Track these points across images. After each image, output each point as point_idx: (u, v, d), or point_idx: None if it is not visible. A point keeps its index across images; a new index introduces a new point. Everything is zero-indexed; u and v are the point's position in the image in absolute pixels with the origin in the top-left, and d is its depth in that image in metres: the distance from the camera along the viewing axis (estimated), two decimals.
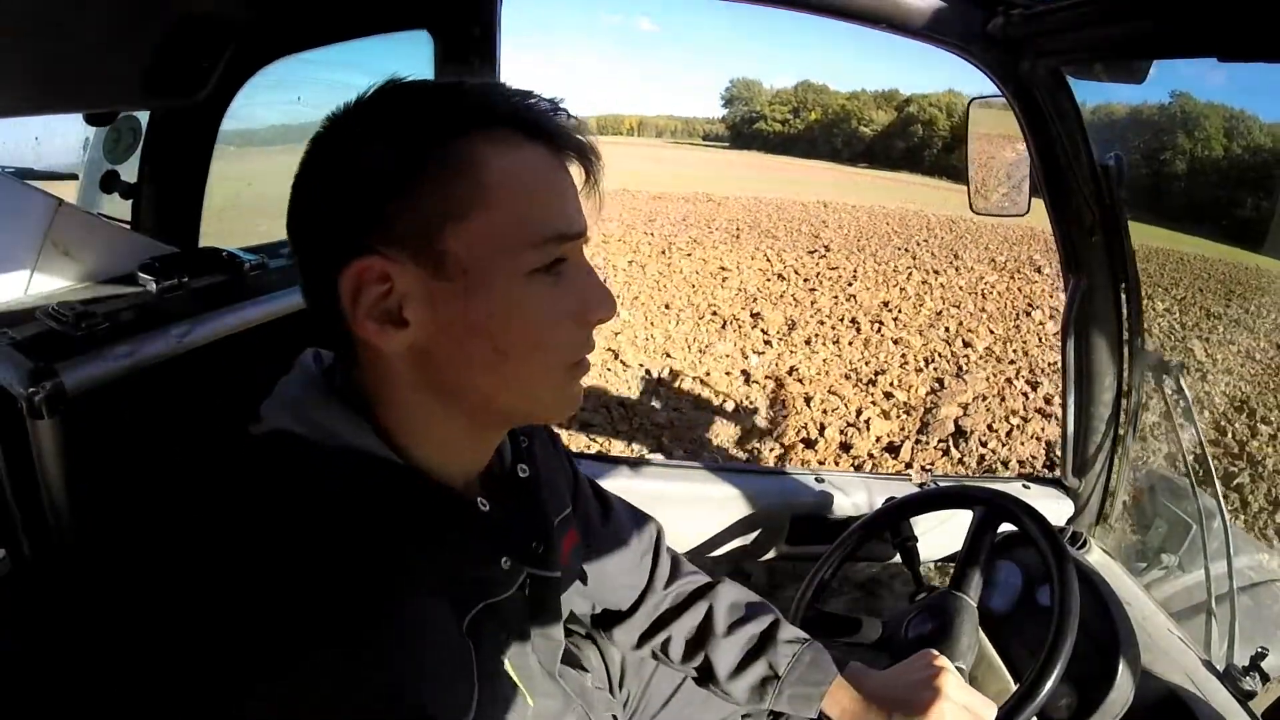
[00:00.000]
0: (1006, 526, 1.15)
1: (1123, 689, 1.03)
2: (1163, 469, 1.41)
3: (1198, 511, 1.22)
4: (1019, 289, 9.54)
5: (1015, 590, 1.18)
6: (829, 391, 5.10)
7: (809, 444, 4.25)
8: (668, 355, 5.64)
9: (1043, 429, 4.65)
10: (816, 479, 1.53)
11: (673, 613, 0.95)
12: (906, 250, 12.51)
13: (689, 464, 1.54)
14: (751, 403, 4.89)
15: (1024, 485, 1.48)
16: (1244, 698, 0.99)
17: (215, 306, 0.87)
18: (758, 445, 4.23)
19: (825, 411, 4.75)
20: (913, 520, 1.24)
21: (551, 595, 0.71)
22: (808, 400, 4.92)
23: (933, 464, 4.11)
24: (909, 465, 4.04)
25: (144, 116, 1.22)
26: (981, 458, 4.22)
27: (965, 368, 5.87)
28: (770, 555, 1.54)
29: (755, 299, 7.83)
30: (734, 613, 0.93)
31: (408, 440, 0.58)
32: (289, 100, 1.28)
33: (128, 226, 1.03)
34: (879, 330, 6.87)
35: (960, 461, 4.17)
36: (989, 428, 4.61)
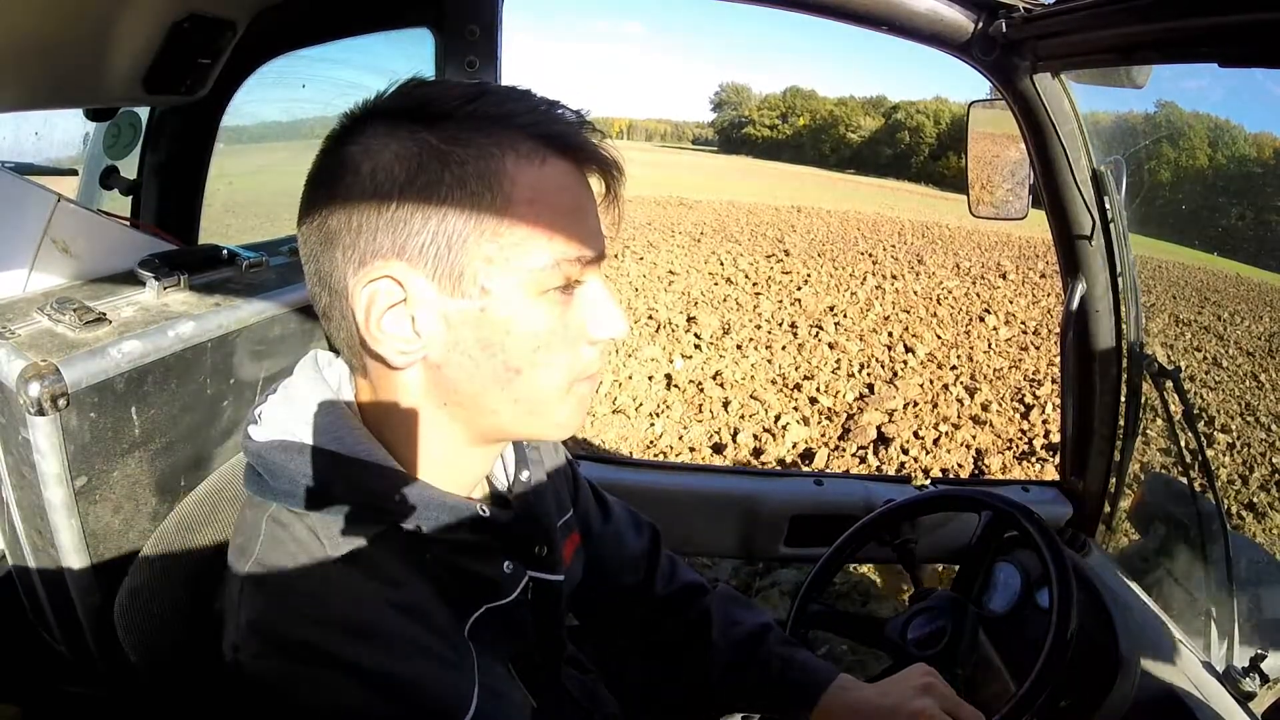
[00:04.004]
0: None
1: (1122, 691, 1.04)
2: (1162, 471, 1.42)
3: (1197, 514, 1.23)
4: (978, 294, 9.58)
5: (1015, 592, 1.19)
6: (750, 396, 5.07)
7: (718, 449, 4.22)
8: None
9: (973, 436, 4.63)
10: (816, 481, 1.54)
11: (668, 616, 0.94)
12: (869, 255, 12.50)
13: (689, 465, 1.54)
14: (667, 407, 4.85)
15: (1023, 488, 1.49)
16: (1243, 699, 0.99)
17: (215, 304, 0.87)
18: (665, 450, 4.20)
19: (743, 416, 4.72)
20: (911, 522, 1.24)
21: (553, 598, 0.71)
22: (726, 405, 4.89)
23: (846, 471, 4.08)
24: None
25: (144, 112, 1.21)
26: (901, 465, 4.21)
27: (900, 373, 5.83)
28: (770, 556, 1.54)
29: (696, 303, 7.77)
30: (728, 619, 0.93)
31: (410, 447, 0.58)
32: (289, 98, 1.27)
33: (127, 223, 1.01)
34: (817, 335, 6.84)
35: (878, 470, 4.16)
36: (915, 435, 4.59)
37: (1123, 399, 1.35)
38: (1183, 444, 1.24)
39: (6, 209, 0.82)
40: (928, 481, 1.55)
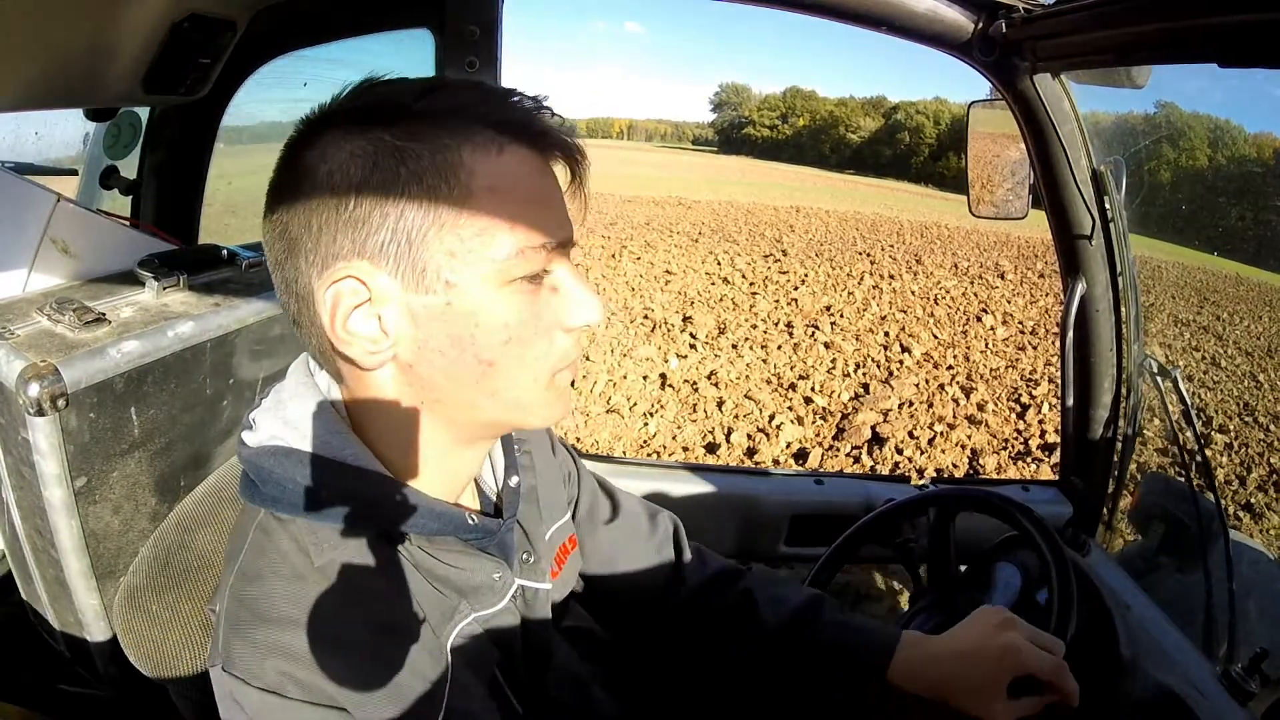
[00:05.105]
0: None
1: (1122, 690, 1.04)
2: (1162, 471, 1.42)
3: (1197, 513, 1.23)
4: (975, 294, 9.55)
5: (1015, 591, 1.18)
6: (745, 396, 5.07)
7: (711, 448, 4.22)
8: (587, 359, 5.48)
9: (969, 436, 4.61)
10: (816, 480, 1.53)
11: (708, 602, 0.90)
12: (867, 255, 12.45)
13: (689, 465, 1.53)
14: (661, 406, 4.85)
15: (1023, 488, 1.49)
16: (1243, 699, 0.99)
17: (214, 303, 0.87)
18: (658, 449, 4.21)
19: (737, 416, 4.71)
20: (911, 522, 1.24)
21: (542, 605, 0.70)
22: (720, 404, 4.88)
23: (840, 470, 4.07)
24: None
25: (144, 112, 1.21)
26: (896, 465, 4.20)
27: (896, 373, 5.81)
28: (770, 556, 1.54)
29: (693, 303, 7.76)
30: (774, 597, 0.88)
31: (397, 451, 0.58)
32: (289, 98, 1.27)
33: (127, 223, 1.01)
34: (813, 335, 6.82)
35: (871, 470, 4.15)
36: (909, 435, 4.57)
37: (1123, 399, 1.35)
38: (1182, 444, 1.24)
39: (6, 209, 0.82)
40: (928, 481, 1.55)
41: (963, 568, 1.37)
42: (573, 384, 0.62)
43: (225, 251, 0.99)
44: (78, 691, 0.83)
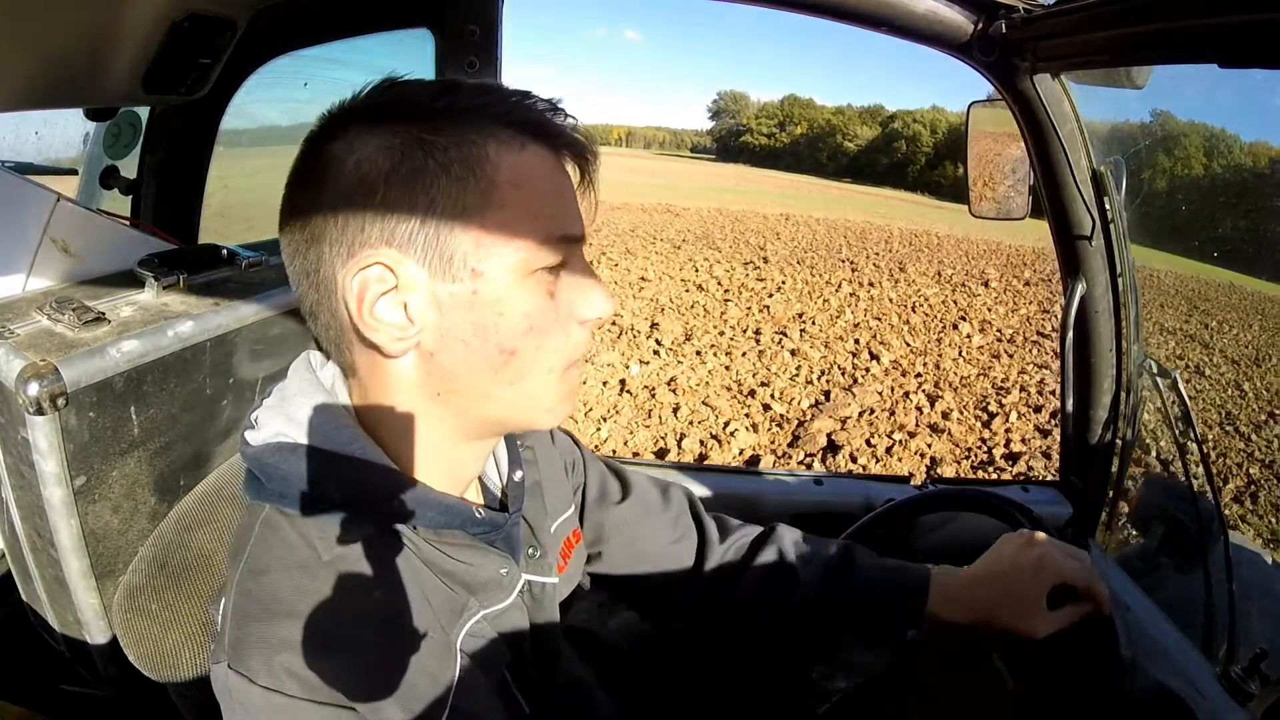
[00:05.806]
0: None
1: (1122, 690, 1.03)
2: (1161, 471, 1.42)
3: (1196, 514, 1.23)
4: (955, 302, 9.53)
5: None
6: (702, 402, 5.05)
7: (661, 454, 4.20)
8: None
9: (929, 445, 4.55)
10: (816, 481, 1.53)
11: (740, 564, 0.91)
12: (850, 263, 12.44)
13: (687, 465, 1.53)
14: (616, 411, 4.84)
15: (1023, 488, 1.49)
16: (1243, 699, 0.99)
17: (214, 303, 0.87)
18: (608, 454, 4.22)
19: (691, 422, 4.69)
20: (911, 522, 1.24)
21: (550, 601, 0.71)
22: (675, 410, 4.86)
23: (849, 471, 4.06)
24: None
25: (144, 112, 1.21)
26: (849, 473, 4.16)
27: (861, 380, 5.77)
28: None
29: (663, 310, 7.76)
30: (805, 551, 0.90)
31: (404, 445, 0.58)
32: (289, 98, 1.27)
33: (127, 222, 1.01)
34: (779, 342, 6.77)
35: None
36: (867, 442, 4.53)
37: (1122, 400, 1.35)
38: (1182, 445, 1.23)
39: (6, 209, 0.82)
40: (928, 482, 1.55)
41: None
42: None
43: (225, 251, 0.99)
44: (78, 691, 0.83)
